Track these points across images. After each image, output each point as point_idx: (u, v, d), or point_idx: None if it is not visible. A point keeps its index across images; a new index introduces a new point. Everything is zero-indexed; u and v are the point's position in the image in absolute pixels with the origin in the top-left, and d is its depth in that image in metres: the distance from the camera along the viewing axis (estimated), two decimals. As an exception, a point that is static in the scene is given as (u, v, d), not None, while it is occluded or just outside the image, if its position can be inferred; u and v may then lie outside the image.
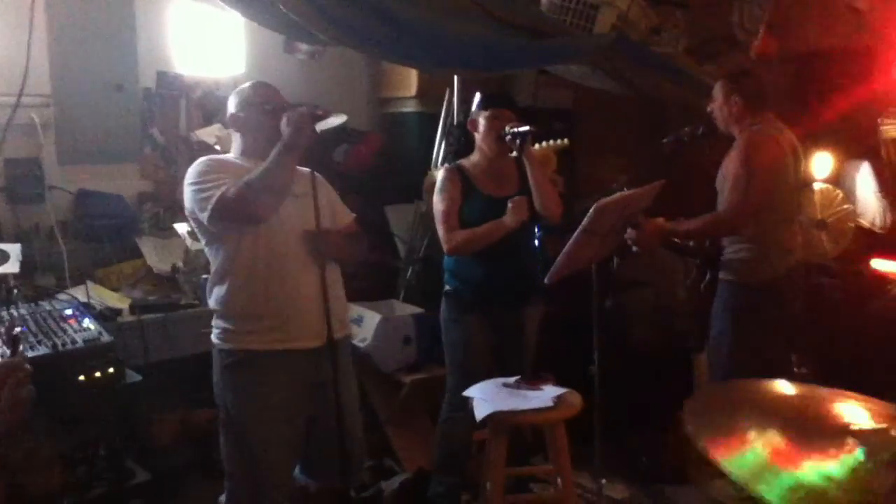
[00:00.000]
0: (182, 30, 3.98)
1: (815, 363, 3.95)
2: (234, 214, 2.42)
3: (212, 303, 2.58)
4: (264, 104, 2.57)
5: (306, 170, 2.60)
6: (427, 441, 3.72)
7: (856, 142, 4.47)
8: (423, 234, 4.31)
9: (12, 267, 2.99)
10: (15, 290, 3.02)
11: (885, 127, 4.32)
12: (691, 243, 3.53)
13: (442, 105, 4.36)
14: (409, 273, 4.32)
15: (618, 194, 2.94)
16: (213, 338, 2.58)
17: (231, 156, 2.68)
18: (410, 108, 4.74)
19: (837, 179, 4.47)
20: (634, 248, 3.30)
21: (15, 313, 2.89)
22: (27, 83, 3.56)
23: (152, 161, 4.09)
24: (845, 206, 4.33)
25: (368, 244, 2.85)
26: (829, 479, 1.23)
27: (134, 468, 3.07)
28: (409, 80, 4.62)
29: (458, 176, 3.27)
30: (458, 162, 3.38)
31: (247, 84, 2.70)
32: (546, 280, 2.97)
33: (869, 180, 4.38)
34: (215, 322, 2.58)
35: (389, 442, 3.85)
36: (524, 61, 3.77)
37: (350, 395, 2.71)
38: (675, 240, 3.46)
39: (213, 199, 2.39)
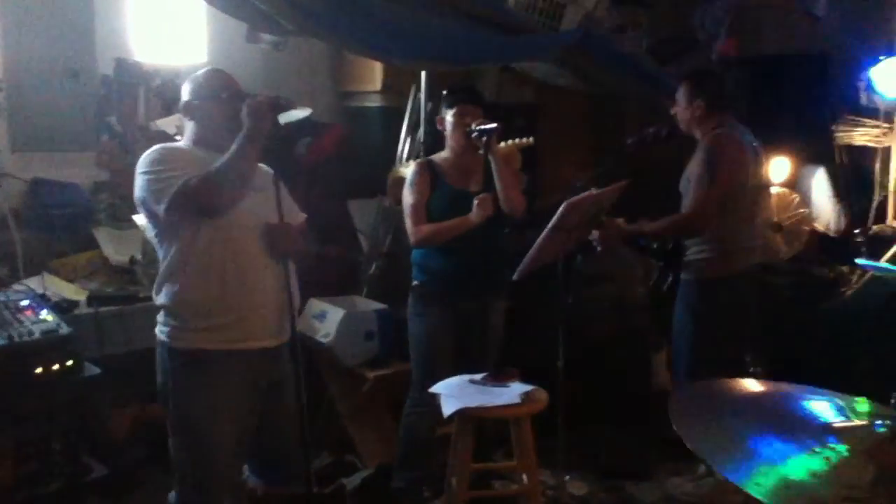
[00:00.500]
0: (142, 16, 3.86)
1: (767, 363, 4.02)
2: (193, 206, 2.34)
3: (161, 298, 2.46)
4: (220, 92, 2.49)
5: (263, 166, 2.54)
6: (389, 437, 3.70)
7: (811, 147, 4.57)
8: (386, 230, 4.28)
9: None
10: (-32, 281, 2.94)
11: (839, 133, 4.42)
12: (654, 244, 3.57)
13: (406, 100, 4.34)
14: (371, 269, 4.29)
15: (587, 192, 2.97)
16: (162, 336, 2.46)
17: (183, 144, 2.58)
18: (374, 102, 4.69)
19: (794, 183, 4.56)
20: (598, 248, 3.34)
21: (-32, 304, 2.80)
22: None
23: (109, 150, 3.98)
24: (801, 210, 4.43)
25: (318, 244, 2.79)
26: (813, 474, 1.25)
27: (90, 463, 3.00)
28: (373, 74, 4.57)
29: (428, 170, 3.31)
30: (429, 157, 3.42)
31: (201, 71, 2.59)
32: (515, 277, 2.98)
33: (824, 185, 4.48)
34: (164, 319, 2.46)
35: (351, 437, 3.82)
36: (491, 57, 3.79)
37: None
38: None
39: (172, 190, 2.32)
